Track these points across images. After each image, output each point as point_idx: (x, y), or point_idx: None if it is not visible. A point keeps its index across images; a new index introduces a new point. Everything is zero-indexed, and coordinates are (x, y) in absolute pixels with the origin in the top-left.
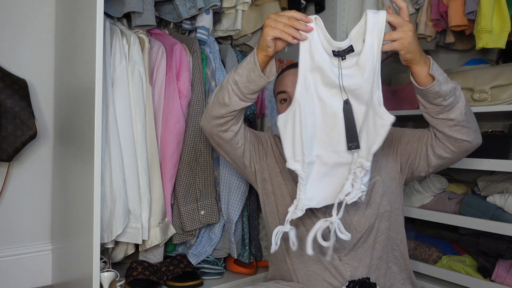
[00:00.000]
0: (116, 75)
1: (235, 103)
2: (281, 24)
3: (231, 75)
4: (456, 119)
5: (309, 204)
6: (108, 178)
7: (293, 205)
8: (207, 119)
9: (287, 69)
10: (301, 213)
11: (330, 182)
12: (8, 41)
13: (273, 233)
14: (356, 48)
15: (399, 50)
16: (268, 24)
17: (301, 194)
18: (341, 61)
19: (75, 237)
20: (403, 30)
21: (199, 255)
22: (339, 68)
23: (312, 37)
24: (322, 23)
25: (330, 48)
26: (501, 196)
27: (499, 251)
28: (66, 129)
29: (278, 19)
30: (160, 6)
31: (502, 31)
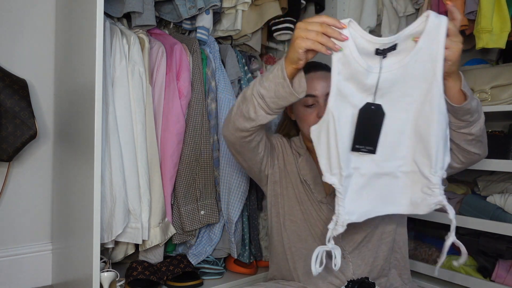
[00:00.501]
0: (116, 75)
1: (261, 117)
2: (313, 34)
3: (256, 87)
4: (475, 134)
5: (349, 219)
6: (108, 178)
7: (333, 222)
8: (230, 130)
9: (313, 70)
10: (342, 229)
11: (370, 194)
12: (8, 41)
13: (314, 253)
14: (401, 46)
15: (449, 59)
16: (299, 35)
17: (340, 209)
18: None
19: (75, 237)
20: (456, 40)
21: (199, 255)
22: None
23: (347, 44)
24: (356, 25)
25: (371, 47)
26: (501, 196)
27: (499, 251)
28: (66, 129)
29: (308, 27)
30: (160, 6)
31: (502, 31)
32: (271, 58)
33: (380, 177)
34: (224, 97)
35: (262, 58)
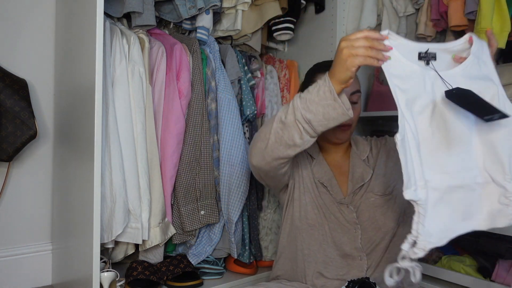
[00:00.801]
0: (116, 75)
1: (307, 142)
2: (361, 50)
3: (299, 111)
4: None
5: (430, 241)
6: (108, 178)
7: (407, 242)
8: (267, 160)
9: None
10: (422, 254)
11: (445, 210)
12: (8, 41)
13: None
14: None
15: None
16: (348, 53)
17: (419, 228)
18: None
19: (75, 237)
20: None
21: (199, 255)
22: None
23: (392, 53)
24: (394, 34)
25: (414, 53)
26: None
27: (499, 251)
28: (66, 129)
29: (355, 44)
30: (160, 6)
31: (502, 31)
32: (271, 58)
33: (454, 190)
34: (224, 97)
35: (262, 58)
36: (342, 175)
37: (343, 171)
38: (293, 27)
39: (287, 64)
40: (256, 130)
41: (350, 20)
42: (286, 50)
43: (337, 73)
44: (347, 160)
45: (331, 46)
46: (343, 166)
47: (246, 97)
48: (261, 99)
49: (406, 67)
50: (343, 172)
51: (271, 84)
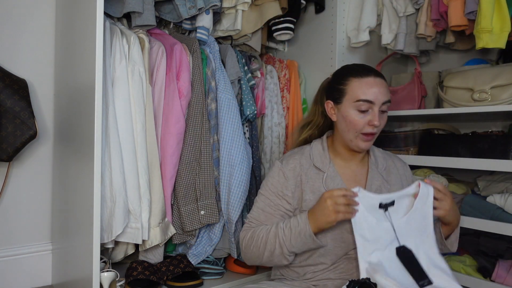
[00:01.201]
0: (116, 75)
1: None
2: (342, 207)
3: (285, 248)
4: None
5: None
6: (108, 178)
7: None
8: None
9: (372, 75)
10: None
11: None
12: (8, 41)
13: None
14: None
15: (440, 216)
16: (333, 209)
17: None
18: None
19: (75, 237)
20: (443, 201)
21: (199, 255)
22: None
23: (360, 207)
24: (362, 190)
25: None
26: (501, 196)
27: (499, 251)
28: (66, 129)
29: (337, 201)
30: (160, 6)
31: (502, 31)
32: (271, 58)
33: None
34: (224, 97)
35: (262, 58)
36: (357, 184)
37: (359, 180)
38: (293, 27)
39: (287, 64)
40: (256, 130)
41: (350, 20)
42: (286, 50)
43: (320, 222)
44: (363, 169)
45: (331, 46)
46: (358, 175)
47: (246, 97)
48: (261, 99)
49: (369, 220)
50: (358, 181)
51: (271, 84)
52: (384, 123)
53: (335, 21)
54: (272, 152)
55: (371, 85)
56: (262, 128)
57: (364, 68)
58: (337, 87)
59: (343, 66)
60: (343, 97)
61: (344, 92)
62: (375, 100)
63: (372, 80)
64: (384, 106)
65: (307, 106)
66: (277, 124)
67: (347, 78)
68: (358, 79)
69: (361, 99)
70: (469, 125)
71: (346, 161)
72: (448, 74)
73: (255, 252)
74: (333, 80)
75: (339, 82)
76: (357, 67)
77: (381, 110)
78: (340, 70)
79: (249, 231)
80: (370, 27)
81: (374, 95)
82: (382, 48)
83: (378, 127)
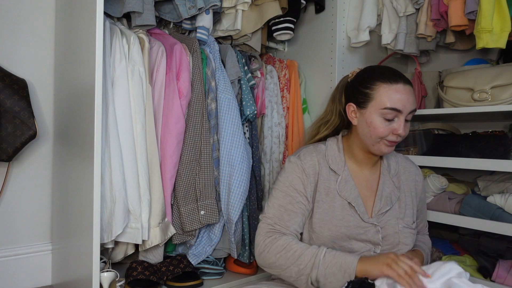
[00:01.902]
0: (116, 75)
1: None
2: (402, 270)
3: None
4: None
5: None
6: (108, 178)
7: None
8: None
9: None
10: None
11: None
12: (8, 41)
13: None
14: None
15: None
16: (390, 264)
17: None
18: None
19: (75, 237)
20: None
21: (199, 255)
22: None
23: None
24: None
25: None
26: (501, 196)
27: (499, 251)
28: (66, 129)
29: (399, 263)
30: (160, 6)
31: (503, 31)
32: (271, 58)
33: None
34: (224, 97)
35: (262, 58)
36: (369, 190)
37: (370, 187)
38: (293, 27)
39: (287, 64)
40: (256, 130)
41: (350, 20)
42: (286, 50)
43: (370, 270)
44: (375, 175)
45: (331, 46)
46: (370, 181)
47: (246, 97)
48: (261, 99)
49: None
50: (369, 188)
51: (271, 84)
52: (407, 131)
53: (335, 21)
54: (272, 152)
55: (401, 92)
56: (262, 128)
57: (394, 73)
58: (363, 91)
59: (368, 68)
60: (368, 102)
61: (370, 97)
62: (403, 109)
63: (402, 88)
64: (410, 115)
65: (307, 106)
66: (277, 124)
67: (375, 83)
68: (387, 85)
69: (389, 107)
70: (469, 125)
71: (359, 164)
72: (448, 74)
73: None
74: (357, 82)
75: (364, 86)
76: (386, 71)
77: (407, 119)
78: (366, 72)
79: (277, 238)
80: (370, 27)
81: (402, 104)
82: (382, 48)
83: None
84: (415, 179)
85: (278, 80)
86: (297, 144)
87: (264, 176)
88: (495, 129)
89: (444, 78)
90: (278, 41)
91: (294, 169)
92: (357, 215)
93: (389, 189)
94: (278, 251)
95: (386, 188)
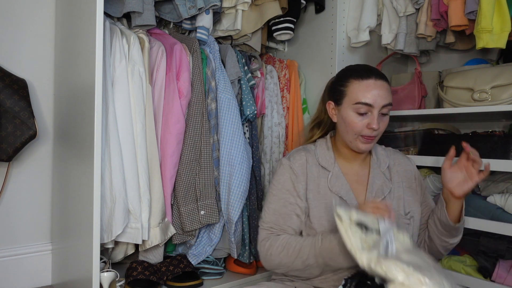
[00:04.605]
0: (116, 75)
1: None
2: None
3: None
4: (452, 244)
5: None
6: (108, 178)
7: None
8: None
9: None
10: None
11: None
12: (8, 41)
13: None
14: None
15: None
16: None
17: None
18: None
19: (75, 237)
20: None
21: (199, 255)
22: None
23: None
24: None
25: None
26: (501, 196)
27: (499, 251)
28: (66, 129)
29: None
30: (160, 6)
31: (503, 31)
32: (271, 58)
33: None
34: (224, 97)
35: (262, 58)
36: (360, 184)
37: (361, 181)
38: (293, 27)
39: (287, 64)
40: (256, 130)
41: (350, 20)
42: (286, 50)
43: None
44: (365, 169)
45: (331, 46)
46: (361, 175)
47: (246, 97)
48: (261, 99)
49: None
50: (361, 182)
51: (271, 84)
52: (385, 126)
53: (335, 21)
54: (272, 152)
55: (371, 87)
56: (262, 128)
57: (366, 69)
58: (338, 88)
59: (346, 67)
60: (343, 98)
61: (344, 93)
62: (374, 103)
63: (373, 83)
64: (385, 109)
65: (307, 106)
66: (277, 124)
67: (348, 80)
68: (358, 81)
69: (360, 102)
70: (469, 125)
71: (348, 161)
72: (448, 74)
73: (283, 259)
74: (335, 80)
75: (340, 83)
76: (359, 68)
77: (382, 113)
78: (342, 71)
79: (275, 239)
80: (370, 27)
81: (373, 98)
82: (382, 48)
83: (377, 130)
84: (405, 169)
85: (278, 80)
86: (297, 144)
87: (264, 176)
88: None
89: (444, 78)
90: (278, 41)
91: (284, 170)
92: None
93: (380, 182)
94: (279, 251)
95: (376, 181)
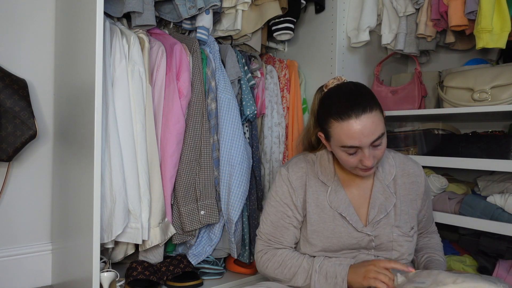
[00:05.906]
0: (116, 75)
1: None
2: (383, 276)
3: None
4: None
5: None
6: (108, 178)
7: None
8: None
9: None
10: None
11: None
12: (8, 41)
13: None
14: None
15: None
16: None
17: None
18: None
19: (75, 237)
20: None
21: (199, 255)
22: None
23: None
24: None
25: None
26: (501, 196)
27: (499, 251)
28: (66, 129)
29: (380, 271)
30: (160, 6)
31: (502, 31)
32: (271, 58)
33: None
34: (224, 97)
35: (262, 58)
36: (361, 198)
37: (363, 195)
38: (293, 27)
39: (287, 64)
40: (256, 130)
41: (350, 20)
42: (286, 50)
43: (354, 283)
44: (368, 181)
45: (331, 46)
46: (363, 188)
47: (246, 97)
48: (261, 99)
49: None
50: (362, 196)
51: (271, 84)
52: (382, 152)
53: (335, 21)
54: (272, 152)
55: (353, 129)
56: (262, 128)
57: (345, 105)
58: (323, 126)
59: (326, 97)
60: (329, 138)
61: (329, 134)
62: (360, 144)
63: (354, 123)
64: (376, 142)
65: (307, 106)
66: (277, 124)
67: (329, 120)
68: (339, 123)
69: (345, 146)
70: (469, 125)
71: (350, 173)
72: (448, 74)
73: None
74: (319, 114)
75: (323, 122)
76: (338, 104)
77: (374, 145)
78: (322, 106)
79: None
80: (370, 27)
81: (358, 140)
82: (382, 48)
83: (372, 163)
84: (413, 181)
85: (278, 80)
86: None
87: (264, 176)
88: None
89: (444, 78)
90: (278, 41)
91: (282, 182)
92: (350, 225)
93: (383, 197)
94: (275, 268)
95: (379, 196)
